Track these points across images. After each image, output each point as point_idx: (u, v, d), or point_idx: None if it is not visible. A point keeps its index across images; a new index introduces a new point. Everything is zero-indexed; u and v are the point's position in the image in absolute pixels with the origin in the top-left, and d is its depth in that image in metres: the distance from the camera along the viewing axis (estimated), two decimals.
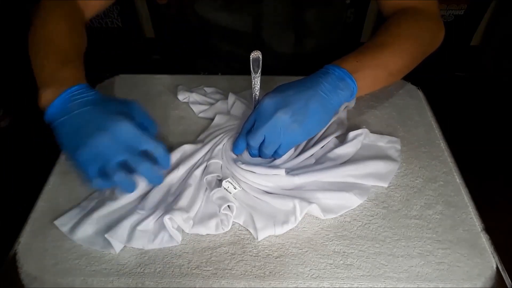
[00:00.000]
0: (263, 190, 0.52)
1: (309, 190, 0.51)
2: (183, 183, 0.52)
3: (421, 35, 0.59)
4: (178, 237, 0.48)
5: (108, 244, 0.47)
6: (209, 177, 0.52)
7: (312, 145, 0.57)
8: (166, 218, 0.47)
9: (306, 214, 0.50)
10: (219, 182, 0.53)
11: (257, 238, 0.48)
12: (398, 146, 0.58)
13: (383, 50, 0.55)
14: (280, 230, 0.48)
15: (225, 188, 0.51)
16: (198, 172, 0.53)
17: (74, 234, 0.48)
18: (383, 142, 0.58)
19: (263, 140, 0.51)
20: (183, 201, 0.49)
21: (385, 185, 0.53)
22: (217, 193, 0.50)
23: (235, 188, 0.51)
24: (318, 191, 0.51)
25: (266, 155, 0.53)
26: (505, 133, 1.63)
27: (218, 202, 0.50)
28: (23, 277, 0.45)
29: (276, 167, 0.53)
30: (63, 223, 0.49)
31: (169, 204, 0.50)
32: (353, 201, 0.51)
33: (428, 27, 0.61)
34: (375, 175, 0.54)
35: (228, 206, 0.49)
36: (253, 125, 0.51)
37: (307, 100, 0.49)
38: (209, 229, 0.48)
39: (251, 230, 0.49)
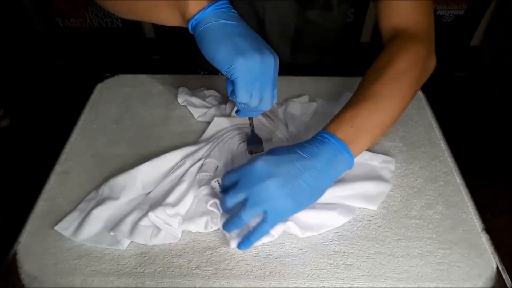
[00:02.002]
0: None
1: None
2: (178, 179, 0.52)
3: (413, 73, 0.54)
4: (176, 233, 0.48)
5: (115, 240, 0.47)
6: (201, 175, 0.52)
7: None
8: (153, 216, 0.47)
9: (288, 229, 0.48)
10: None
11: (230, 246, 0.46)
12: (392, 167, 0.55)
13: (377, 105, 0.50)
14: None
15: (213, 188, 0.51)
16: (194, 169, 0.53)
17: (78, 235, 0.48)
18: (377, 162, 0.55)
19: (246, 203, 0.44)
20: (172, 197, 0.49)
21: (374, 207, 0.51)
22: (205, 190, 0.50)
23: (221, 192, 0.51)
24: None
25: (243, 220, 0.45)
26: (505, 133, 1.62)
27: (205, 198, 0.49)
28: (23, 277, 0.45)
29: None
30: (65, 227, 0.49)
31: (158, 200, 0.50)
32: (336, 220, 0.49)
33: (419, 59, 0.55)
34: (364, 196, 0.51)
35: (216, 203, 0.49)
36: (234, 183, 0.46)
37: (301, 171, 0.44)
38: (199, 226, 0.48)
39: (227, 235, 0.48)
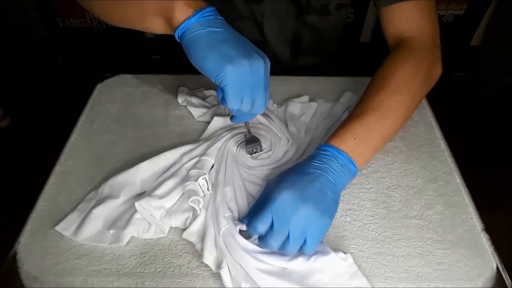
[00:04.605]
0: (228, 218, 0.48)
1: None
2: (171, 172, 0.52)
3: (416, 83, 0.54)
4: (164, 227, 0.48)
5: (115, 238, 0.47)
6: (193, 171, 0.52)
7: None
8: (139, 206, 0.47)
9: None
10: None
11: (203, 259, 0.45)
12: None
13: (380, 119, 0.51)
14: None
15: (199, 185, 0.50)
16: (188, 165, 0.53)
17: (79, 235, 0.48)
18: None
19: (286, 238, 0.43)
20: (160, 190, 0.49)
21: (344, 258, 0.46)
22: (190, 185, 0.50)
23: (207, 189, 0.50)
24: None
25: (290, 252, 0.44)
26: (505, 133, 1.63)
27: (189, 193, 0.49)
28: (23, 277, 0.45)
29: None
30: (65, 228, 0.49)
31: (148, 193, 0.50)
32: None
33: (422, 68, 0.55)
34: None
35: (197, 200, 0.49)
36: (271, 224, 0.44)
37: (322, 189, 0.45)
38: (178, 222, 0.48)
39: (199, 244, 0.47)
